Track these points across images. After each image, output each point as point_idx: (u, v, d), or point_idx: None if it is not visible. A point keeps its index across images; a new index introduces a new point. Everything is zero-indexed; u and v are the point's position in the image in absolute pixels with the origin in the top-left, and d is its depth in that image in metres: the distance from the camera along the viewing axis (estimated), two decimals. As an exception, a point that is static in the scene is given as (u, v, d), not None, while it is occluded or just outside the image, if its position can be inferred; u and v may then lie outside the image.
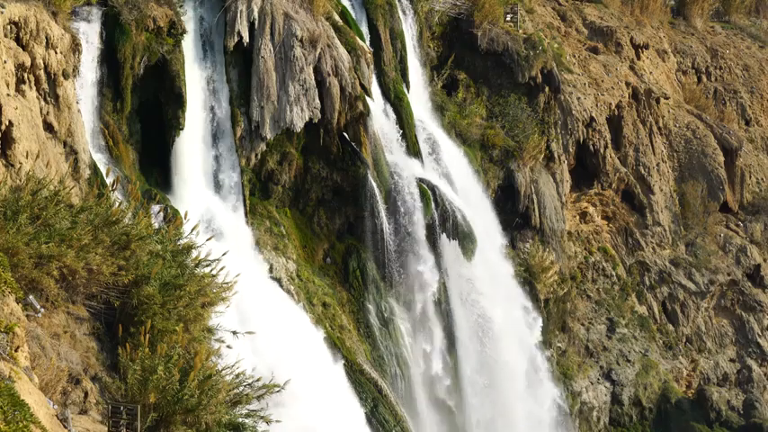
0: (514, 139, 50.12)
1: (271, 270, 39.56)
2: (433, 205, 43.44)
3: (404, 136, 45.26)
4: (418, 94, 48.27)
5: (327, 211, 42.48)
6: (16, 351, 18.25)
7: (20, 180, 26.38)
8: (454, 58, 51.19)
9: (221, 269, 24.89)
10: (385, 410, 39.75)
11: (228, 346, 24.74)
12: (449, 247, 43.88)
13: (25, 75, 31.03)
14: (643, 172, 56.87)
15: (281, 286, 39.46)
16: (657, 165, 57.85)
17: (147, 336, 21.63)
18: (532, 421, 47.15)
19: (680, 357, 55.46)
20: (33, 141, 29.96)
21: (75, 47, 33.97)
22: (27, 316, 20.33)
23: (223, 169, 39.31)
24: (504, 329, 46.14)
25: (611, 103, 55.88)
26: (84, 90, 34.97)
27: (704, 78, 65.88)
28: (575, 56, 57.34)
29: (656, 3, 64.53)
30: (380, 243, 42.37)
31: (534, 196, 49.98)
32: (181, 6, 38.30)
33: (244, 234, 39.33)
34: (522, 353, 47.31)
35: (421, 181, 43.79)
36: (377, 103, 43.83)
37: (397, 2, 47.09)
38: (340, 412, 36.69)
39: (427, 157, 46.18)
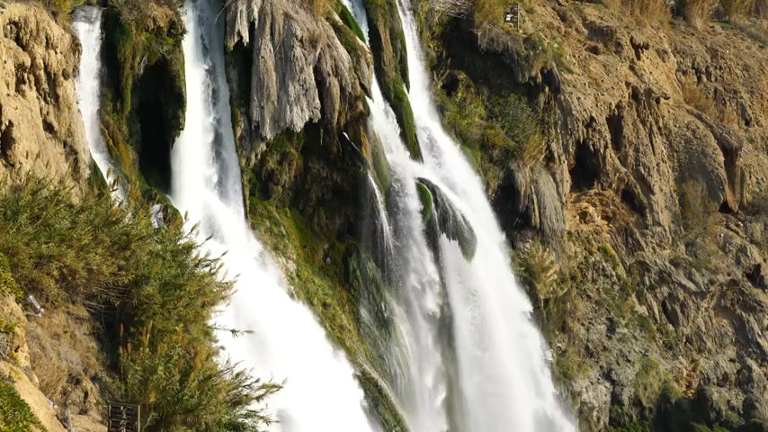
0: (514, 139, 50.12)
1: (270, 270, 39.54)
2: (433, 205, 43.44)
3: (404, 136, 45.26)
4: (418, 94, 48.27)
5: (327, 211, 42.48)
6: (16, 351, 18.25)
7: (20, 180, 26.37)
8: (454, 58, 51.18)
9: (220, 266, 24.87)
10: (385, 410, 39.75)
11: (222, 347, 24.70)
12: (449, 247, 43.88)
13: (25, 75, 31.03)
14: (643, 172, 56.88)
15: (281, 286, 39.45)
16: (657, 165, 57.86)
17: (148, 336, 21.61)
18: (532, 420, 47.15)
19: (680, 357, 55.46)
20: (33, 141, 29.97)
21: (75, 47, 33.96)
22: (27, 316, 20.32)
23: (223, 169, 39.30)
24: (503, 329, 46.13)
25: (611, 103, 55.88)
26: (84, 90, 34.97)
27: (704, 78, 65.88)
28: (575, 56, 57.34)
29: (656, 3, 64.53)
30: (380, 243, 42.36)
31: (534, 196, 49.97)
32: (181, 6, 38.28)
33: (243, 234, 39.32)
34: (521, 353, 47.31)
35: (421, 181, 43.79)
36: (377, 103, 43.82)
37: (397, 2, 47.08)
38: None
39: (427, 157, 46.17)
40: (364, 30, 45.21)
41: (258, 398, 22.72)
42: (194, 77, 38.40)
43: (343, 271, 42.41)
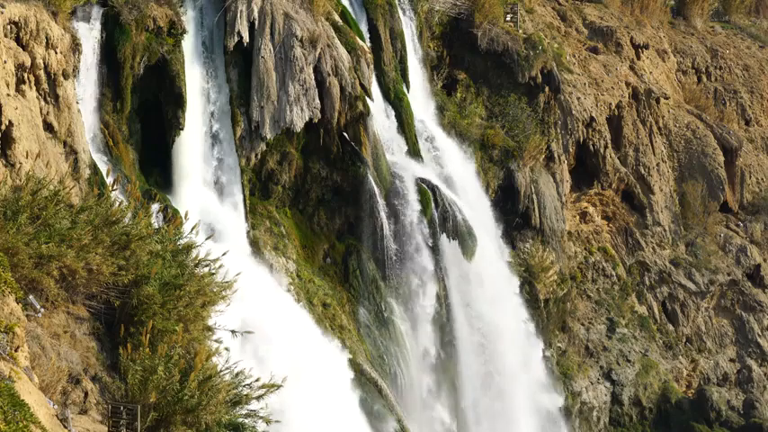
0: (514, 139, 50.11)
1: (270, 270, 39.55)
2: (432, 205, 43.44)
3: (404, 136, 45.26)
4: (418, 94, 48.27)
5: (327, 211, 42.48)
6: (16, 351, 18.26)
7: (20, 180, 26.38)
8: (454, 58, 51.19)
9: (220, 266, 24.87)
10: (385, 410, 39.75)
11: (226, 349, 24.70)
12: (449, 247, 43.87)
13: (25, 75, 31.04)
14: (643, 172, 56.88)
15: (281, 286, 39.44)
16: (657, 165, 57.86)
17: (148, 336, 21.62)
18: (532, 418, 47.18)
19: (680, 357, 55.46)
20: (33, 141, 29.98)
21: (76, 47, 33.99)
22: (27, 316, 20.32)
23: (223, 169, 39.30)
24: (503, 329, 46.14)
25: (611, 103, 55.87)
26: (84, 90, 34.98)
27: (704, 78, 65.89)
28: (575, 56, 57.33)
29: (656, 3, 64.52)
30: (380, 243, 42.35)
31: (534, 196, 49.97)
32: (181, 6, 38.30)
33: (243, 234, 39.33)
34: (521, 352, 47.34)
35: (421, 181, 43.79)
36: (377, 103, 43.81)
37: (397, 2, 47.08)
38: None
39: (427, 157, 46.17)
40: (364, 30, 45.21)
41: (258, 398, 22.74)
42: (194, 77, 38.41)
43: (343, 271, 42.40)
